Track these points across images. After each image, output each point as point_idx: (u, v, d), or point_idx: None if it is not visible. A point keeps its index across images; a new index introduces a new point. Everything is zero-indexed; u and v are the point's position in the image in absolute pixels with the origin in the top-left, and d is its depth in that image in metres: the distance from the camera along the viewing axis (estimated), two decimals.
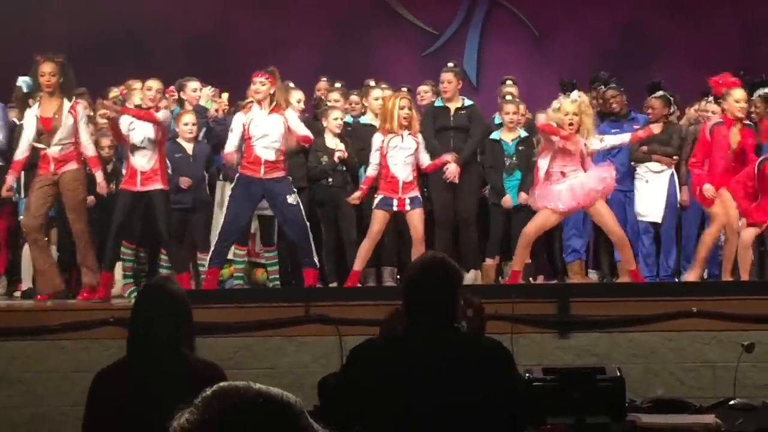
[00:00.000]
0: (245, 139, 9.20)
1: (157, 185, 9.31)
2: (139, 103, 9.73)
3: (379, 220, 9.43)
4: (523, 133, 10.36)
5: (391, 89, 10.53)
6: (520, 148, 10.31)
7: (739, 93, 9.43)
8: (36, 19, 13.54)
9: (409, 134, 9.48)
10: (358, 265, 9.48)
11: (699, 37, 13.86)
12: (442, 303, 4.06)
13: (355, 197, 9.61)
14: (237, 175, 9.29)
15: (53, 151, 9.24)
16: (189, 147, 10.08)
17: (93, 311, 8.51)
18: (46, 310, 8.89)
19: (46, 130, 9.22)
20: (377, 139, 9.51)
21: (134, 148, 9.34)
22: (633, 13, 14.08)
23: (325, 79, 11.23)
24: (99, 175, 9.49)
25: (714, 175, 9.38)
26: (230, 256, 10.00)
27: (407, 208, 9.43)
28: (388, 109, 9.50)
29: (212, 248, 9.34)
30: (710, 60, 12.91)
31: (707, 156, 9.47)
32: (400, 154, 9.44)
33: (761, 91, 9.92)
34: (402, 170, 9.44)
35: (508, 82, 11.17)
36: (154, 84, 9.75)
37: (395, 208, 9.43)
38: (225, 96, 10.71)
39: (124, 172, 9.95)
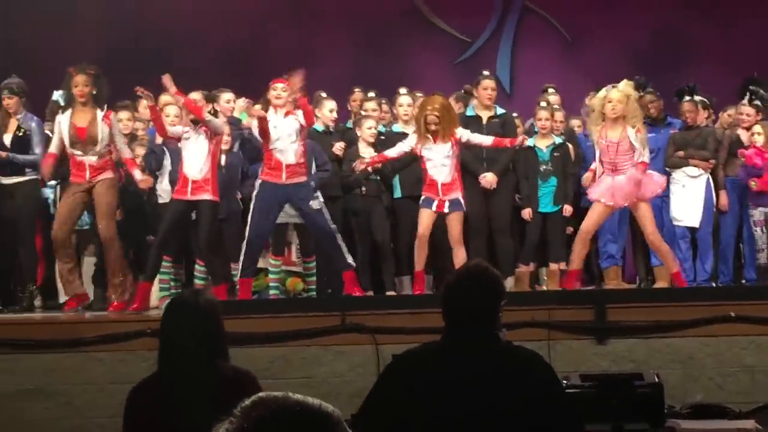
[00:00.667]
0: (265, 143, 9.26)
1: (207, 195, 9.34)
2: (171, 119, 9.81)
3: (424, 218, 9.47)
4: (558, 140, 10.34)
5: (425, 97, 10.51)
6: (555, 154, 10.29)
7: None
8: (68, 31, 13.62)
9: (443, 137, 9.46)
10: (418, 265, 9.54)
11: (732, 39, 13.77)
12: (484, 311, 4.04)
13: (358, 165, 9.67)
14: (259, 181, 9.33)
15: (91, 159, 9.31)
16: (222, 158, 10.09)
17: (130, 323, 8.55)
18: (83, 323, 8.94)
19: (80, 139, 9.28)
20: (412, 138, 9.55)
21: (186, 157, 9.37)
22: (666, 16, 14.01)
23: (359, 89, 11.22)
24: (137, 173, 9.53)
25: None
26: (266, 266, 10.02)
27: (446, 210, 9.45)
28: (417, 121, 9.56)
29: (242, 258, 9.35)
30: (744, 62, 12.83)
31: None
32: (436, 158, 9.45)
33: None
34: (439, 172, 9.46)
35: (550, 90, 11.11)
36: (195, 96, 9.79)
37: (434, 209, 9.45)
38: (257, 108, 10.72)
39: (158, 185, 9.98)
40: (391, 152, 9.70)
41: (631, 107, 9.15)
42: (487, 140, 9.70)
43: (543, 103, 10.54)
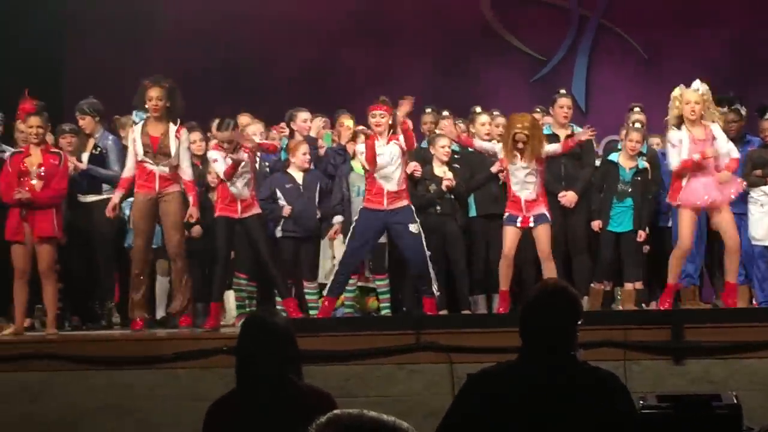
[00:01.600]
0: (366, 170, 9.31)
1: (255, 210, 9.49)
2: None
3: (509, 236, 9.42)
4: (642, 164, 10.25)
5: (503, 116, 10.49)
6: (636, 178, 10.19)
7: None
8: (141, 51, 13.78)
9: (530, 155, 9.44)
10: (503, 284, 9.48)
11: None
12: (561, 331, 4.02)
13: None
14: (361, 207, 9.41)
15: (161, 169, 9.39)
16: (299, 176, 10.14)
17: (206, 341, 8.63)
18: (160, 340, 9.04)
19: (152, 149, 9.36)
20: (501, 153, 9.57)
21: (235, 177, 9.44)
22: (745, 31, 13.85)
23: (430, 110, 11.18)
24: (191, 200, 9.56)
25: None
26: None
27: (531, 224, 9.41)
28: (505, 137, 9.54)
29: (332, 278, 9.40)
30: None
31: None
32: (520, 175, 9.41)
33: None
34: (523, 189, 9.42)
35: (636, 109, 11.01)
36: (244, 119, 9.89)
37: (519, 225, 9.41)
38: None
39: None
40: (478, 143, 9.85)
41: (708, 106, 9.17)
42: (557, 147, 9.69)
43: (637, 125, 10.48)
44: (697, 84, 9.23)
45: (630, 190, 10.17)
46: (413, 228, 9.24)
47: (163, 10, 14.11)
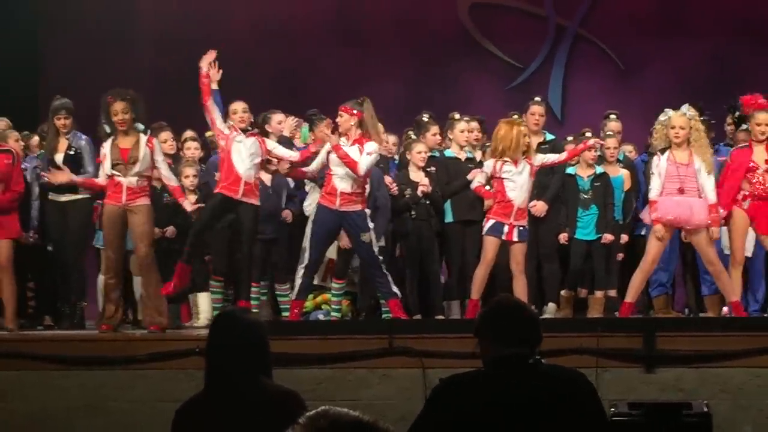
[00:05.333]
0: (326, 168, 9.27)
1: (254, 200, 9.39)
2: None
3: (492, 247, 9.37)
4: (599, 170, 10.30)
5: (478, 122, 10.53)
6: (596, 184, 10.26)
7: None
8: (117, 53, 13.73)
9: (525, 159, 9.44)
10: (475, 294, 9.43)
11: None
12: (519, 336, 4.06)
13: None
14: (316, 204, 9.36)
15: (130, 181, 9.33)
16: (267, 178, 10.06)
17: (179, 341, 8.61)
18: (133, 340, 9.01)
19: (123, 160, 9.30)
20: (489, 163, 9.49)
21: (239, 158, 9.29)
22: (721, 43, 13.93)
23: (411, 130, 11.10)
24: (186, 204, 9.54)
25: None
26: (321, 283, 10.03)
27: (515, 239, 9.37)
28: (511, 137, 9.35)
29: (300, 281, 9.35)
30: None
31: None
32: (518, 179, 9.36)
33: None
34: (519, 195, 9.36)
35: (612, 116, 11.04)
36: (237, 106, 9.71)
37: (504, 237, 9.38)
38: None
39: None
40: (474, 185, 9.69)
41: (694, 132, 9.09)
42: (561, 156, 9.67)
43: (609, 132, 10.52)
44: (684, 108, 9.20)
45: (592, 197, 10.23)
46: (365, 237, 9.17)
47: (140, 12, 14.09)
